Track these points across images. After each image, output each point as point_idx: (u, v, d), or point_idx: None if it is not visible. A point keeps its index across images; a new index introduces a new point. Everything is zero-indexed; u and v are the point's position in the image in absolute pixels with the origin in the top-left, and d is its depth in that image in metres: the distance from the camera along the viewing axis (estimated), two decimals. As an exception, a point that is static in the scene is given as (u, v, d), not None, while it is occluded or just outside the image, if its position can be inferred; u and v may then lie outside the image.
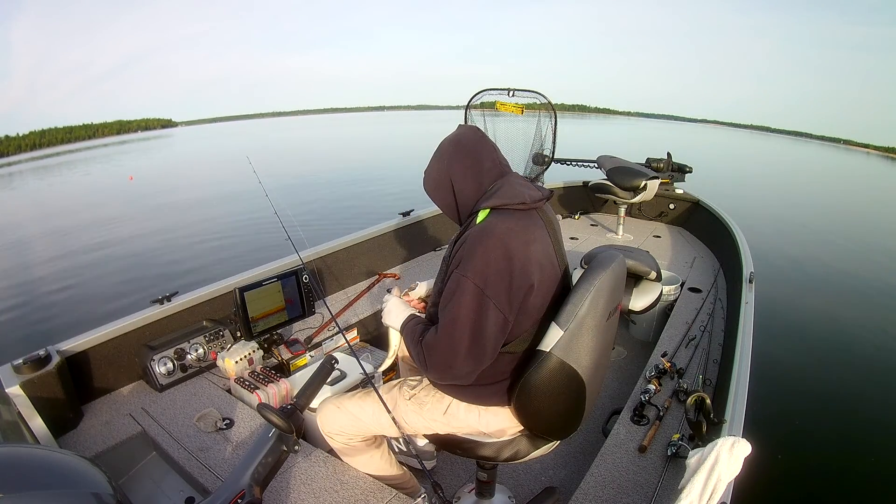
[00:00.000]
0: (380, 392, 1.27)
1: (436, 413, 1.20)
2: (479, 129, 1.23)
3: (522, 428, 1.18)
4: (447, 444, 1.27)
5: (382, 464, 1.40)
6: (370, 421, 1.28)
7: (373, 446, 1.37)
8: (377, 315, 2.53)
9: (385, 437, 1.40)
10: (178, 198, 11.39)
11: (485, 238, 1.03)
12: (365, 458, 1.38)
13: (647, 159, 4.19)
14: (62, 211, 11.63)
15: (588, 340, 1.08)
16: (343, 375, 1.86)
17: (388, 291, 1.34)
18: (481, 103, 3.29)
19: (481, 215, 1.09)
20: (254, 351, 2.00)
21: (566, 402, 1.12)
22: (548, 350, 1.05)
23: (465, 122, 3.31)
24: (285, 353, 2.08)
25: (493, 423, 1.18)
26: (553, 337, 1.05)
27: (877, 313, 4.78)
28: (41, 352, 1.62)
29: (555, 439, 1.24)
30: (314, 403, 1.63)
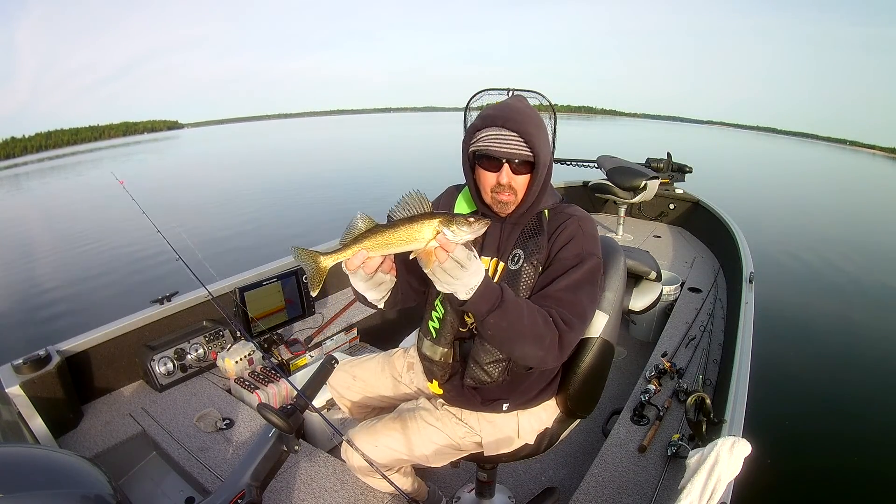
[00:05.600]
0: (419, 417, 1.18)
1: (476, 429, 1.17)
2: None
3: (546, 427, 1.20)
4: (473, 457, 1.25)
5: (408, 480, 1.32)
6: (413, 452, 1.15)
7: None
8: (377, 315, 2.54)
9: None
10: (177, 199, 11.40)
11: (591, 221, 1.07)
12: (397, 480, 1.28)
13: (647, 159, 4.18)
14: (62, 211, 11.64)
15: (618, 316, 1.23)
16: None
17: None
18: (488, 105, 3.28)
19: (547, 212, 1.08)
20: (254, 351, 2.00)
21: (605, 375, 1.25)
22: (598, 336, 1.16)
23: (465, 122, 3.31)
24: (285, 353, 2.08)
25: (528, 424, 1.18)
26: (600, 322, 1.16)
27: (877, 313, 4.78)
28: (41, 352, 1.62)
29: (586, 414, 1.27)
30: (317, 402, 1.63)
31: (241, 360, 1.95)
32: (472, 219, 0.78)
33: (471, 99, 3.26)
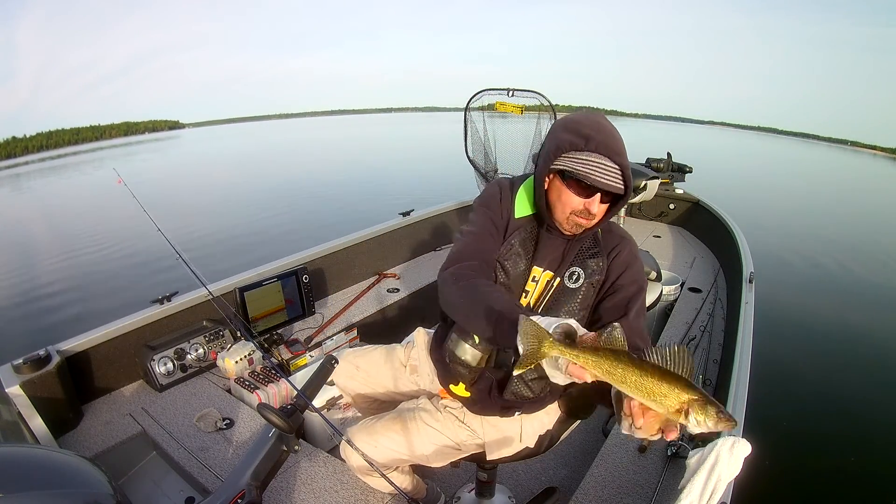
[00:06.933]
0: (423, 419, 1.18)
1: (478, 432, 1.17)
2: None
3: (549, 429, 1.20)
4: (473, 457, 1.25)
5: (406, 478, 1.32)
6: (413, 452, 1.16)
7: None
8: (377, 315, 2.54)
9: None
10: (178, 199, 11.41)
11: (636, 244, 1.08)
12: (396, 479, 1.27)
13: (647, 159, 4.19)
14: (63, 211, 11.65)
15: None
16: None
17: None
18: (488, 105, 3.28)
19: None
20: (254, 351, 2.00)
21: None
22: None
23: (465, 122, 3.31)
24: (285, 353, 2.08)
25: (531, 427, 1.18)
26: None
27: (877, 313, 4.78)
28: (41, 352, 1.62)
29: (587, 415, 1.26)
30: (317, 402, 1.63)
31: (241, 360, 1.95)
32: (723, 415, 0.61)
33: (471, 99, 3.26)
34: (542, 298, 1.04)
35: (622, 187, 0.94)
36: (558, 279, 1.04)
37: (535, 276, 1.07)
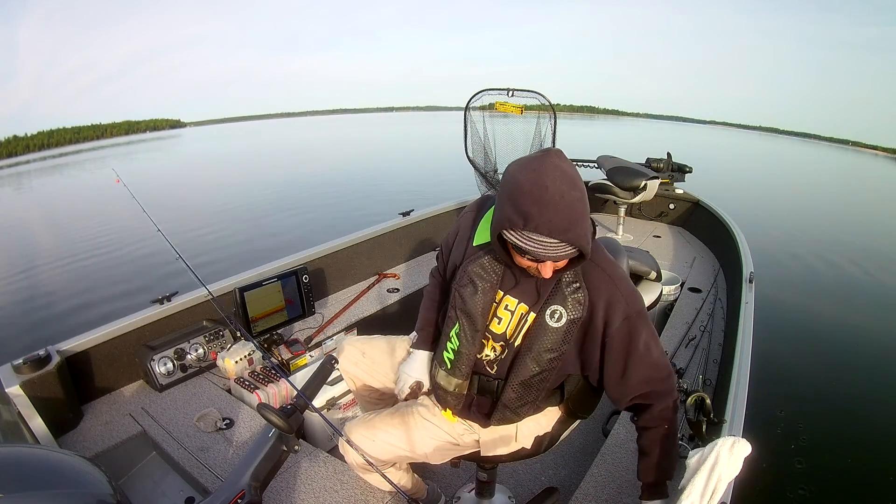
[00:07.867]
0: (420, 415, 1.18)
1: (474, 427, 1.18)
2: None
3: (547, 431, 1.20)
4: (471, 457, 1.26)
5: (405, 476, 1.33)
6: (411, 448, 1.16)
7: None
8: (377, 315, 2.54)
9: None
10: (178, 198, 11.41)
11: (620, 269, 1.02)
12: (395, 477, 1.27)
13: (647, 159, 4.18)
14: (63, 210, 11.65)
15: None
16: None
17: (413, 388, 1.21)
18: (489, 104, 3.29)
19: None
20: (254, 351, 2.00)
21: None
22: None
23: (465, 122, 3.31)
24: (285, 353, 2.08)
25: (527, 429, 1.18)
26: None
27: (877, 313, 4.78)
28: (41, 352, 1.62)
29: (586, 415, 1.25)
30: (317, 402, 1.63)
31: (241, 360, 1.95)
32: None
33: (471, 99, 3.26)
34: (518, 331, 1.04)
35: (574, 253, 0.88)
36: (533, 314, 1.02)
37: (507, 305, 1.04)
